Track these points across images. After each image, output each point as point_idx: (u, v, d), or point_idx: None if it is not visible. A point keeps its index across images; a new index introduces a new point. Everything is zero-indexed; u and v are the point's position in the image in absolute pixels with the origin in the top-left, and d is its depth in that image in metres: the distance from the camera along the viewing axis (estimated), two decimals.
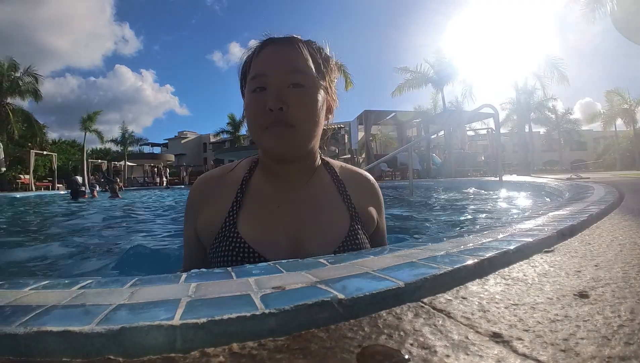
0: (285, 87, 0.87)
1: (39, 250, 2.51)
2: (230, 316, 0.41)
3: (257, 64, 0.90)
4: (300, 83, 0.88)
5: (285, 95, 0.86)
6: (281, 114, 0.84)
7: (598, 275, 0.62)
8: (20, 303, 0.47)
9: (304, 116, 0.87)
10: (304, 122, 0.87)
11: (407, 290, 0.51)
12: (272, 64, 0.88)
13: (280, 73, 0.87)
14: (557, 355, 0.36)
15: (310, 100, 0.88)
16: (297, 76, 0.88)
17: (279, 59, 0.89)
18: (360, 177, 1.08)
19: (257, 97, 0.87)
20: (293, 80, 0.87)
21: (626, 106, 29.85)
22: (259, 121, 0.87)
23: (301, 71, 0.89)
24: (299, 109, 0.86)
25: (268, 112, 0.84)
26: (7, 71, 21.09)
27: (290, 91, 0.87)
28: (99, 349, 0.38)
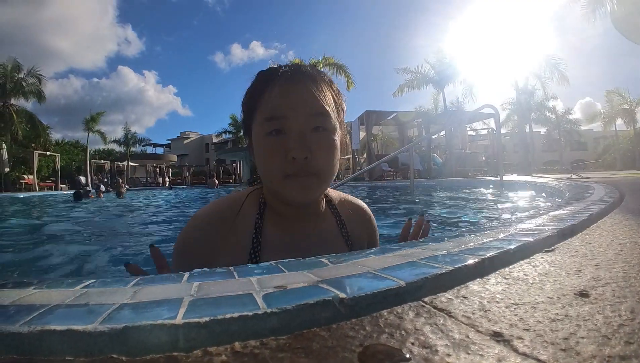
0: (308, 132, 0.81)
1: (45, 250, 2.52)
2: (232, 316, 0.42)
3: (272, 104, 0.82)
4: (323, 127, 0.83)
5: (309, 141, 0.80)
6: (305, 162, 0.79)
7: (598, 275, 0.62)
8: (23, 303, 0.47)
9: (326, 162, 0.82)
10: (327, 169, 0.83)
11: (408, 289, 0.51)
12: (293, 105, 0.81)
13: (302, 116, 0.81)
14: (558, 354, 0.36)
15: (332, 145, 0.83)
16: (319, 119, 0.82)
17: (299, 100, 0.82)
18: (358, 211, 1.05)
19: (276, 142, 0.80)
20: (315, 123, 0.82)
21: (626, 106, 29.84)
22: (278, 169, 0.80)
23: (323, 113, 0.83)
24: (322, 156, 0.81)
25: (290, 160, 0.78)
26: (10, 72, 21.24)
27: (313, 136, 0.81)
28: (102, 348, 0.38)
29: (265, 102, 0.84)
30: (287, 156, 0.79)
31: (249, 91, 0.91)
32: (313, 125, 0.82)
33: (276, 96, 0.82)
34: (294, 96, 0.82)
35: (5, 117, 20.88)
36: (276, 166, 0.80)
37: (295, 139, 0.79)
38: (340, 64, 19.46)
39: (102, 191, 11.92)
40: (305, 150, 0.78)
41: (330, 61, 19.49)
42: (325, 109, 0.83)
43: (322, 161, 0.81)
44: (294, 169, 0.79)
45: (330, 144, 0.83)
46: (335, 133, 0.85)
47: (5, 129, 20.61)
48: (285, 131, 0.81)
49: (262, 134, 0.83)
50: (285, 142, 0.80)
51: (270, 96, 0.83)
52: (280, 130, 0.81)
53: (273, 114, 0.81)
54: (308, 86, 0.83)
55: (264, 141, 0.82)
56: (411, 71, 21.03)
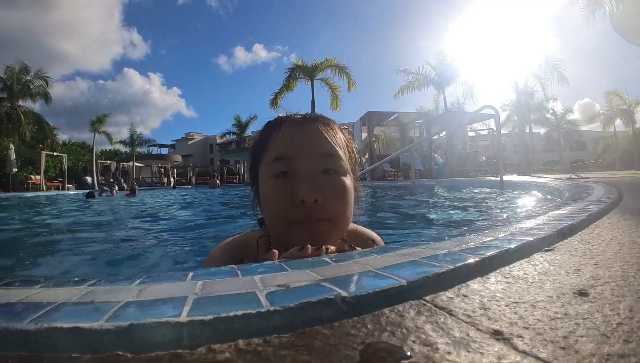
0: (317, 174, 0.75)
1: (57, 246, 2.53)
2: (236, 314, 0.42)
3: (280, 145, 0.78)
4: (333, 169, 0.77)
5: (319, 184, 0.74)
6: (315, 207, 0.73)
7: (597, 274, 0.63)
8: (31, 300, 0.48)
9: (340, 207, 0.75)
10: (341, 215, 0.76)
11: (409, 288, 0.52)
12: (300, 146, 0.76)
13: (310, 157, 0.76)
14: (557, 352, 0.37)
15: (345, 189, 0.77)
16: (329, 161, 0.77)
17: (308, 140, 0.77)
18: (367, 245, 0.94)
19: (283, 184, 0.75)
20: (325, 165, 0.76)
21: (625, 107, 29.83)
22: (285, 214, 0.74)
23: (333, 154, 0.77)
24: (334, 200, 0.74)
25: (298, 204, 0.72)
26: (18, 74, 21.37)
27: (323, 180, 0.75)
28: (108, 345, 0.39)
29: (273, 144, 0.79)
30: (295, 200, 0.72)
31: (257, 138, 0.87)
32: (323, 167, 0.76)
33: (283, 137, 0.78)
34: (302, 136, 0.78)
35: (13, 119, 21.13)
36: (282, 210, 0.74)
37: (303, 181, 0.73)
38: (342, 65, 19.49)
39: (115, 190, 12.28)
40: (315, 193, 0.72)
41: (332, 63, 19.51)
42: (336, 150, 0.78)
43: (334, 206, 0.75)
44: (302, 214, 0.73)
45: (343, 187, 0.76)
46: (347, 176, 0.79)
47: (13, 130, 20.84)
48: (293, 172, 0.75)
49: (268, 176, 0.78)
50: (292, 184, 0.74)
51: (277, 137, 0.79)
52: (288, 172, 0.76)
53: (280, 155, 0.76)
54: (317, 126, 0.79)
55: (270, 183, 0.77)
56: (412, 72, 21.04)
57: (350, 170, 0.81)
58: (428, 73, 20.66)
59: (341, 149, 0.79)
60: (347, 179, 0.78)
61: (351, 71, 19.40)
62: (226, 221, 3.85)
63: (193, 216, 4.87)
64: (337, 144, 0.79)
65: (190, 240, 2.68)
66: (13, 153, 16.41)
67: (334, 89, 19.71)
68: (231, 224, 3.25)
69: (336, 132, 0.82)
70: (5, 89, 21.23)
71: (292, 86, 20.01)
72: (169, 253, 2.19)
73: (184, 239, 2.75)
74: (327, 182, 0.75)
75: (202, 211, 5.68)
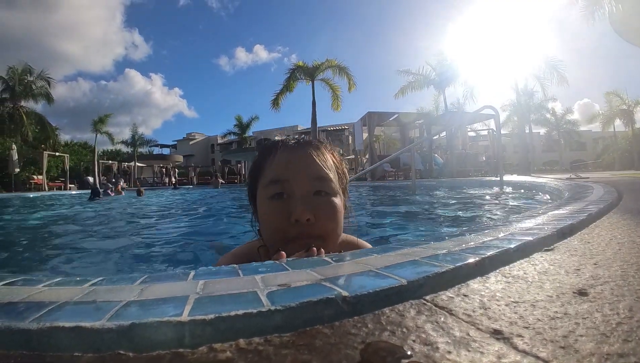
0: (310, 195, 0.82)
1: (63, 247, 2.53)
2: (237, 313, 0.42)
3: (275, 168, 0.85)
4: (325, 191, 0.84)
5: (312, 204, 0.80)
6: (308, 225, 0.79)
7: (597, 273, 0.63)
8: (33, 300, 0.48)
9: (331, 225, 0.82)
10: (332, 232, 0.83)
11: (409, 287, 0.52)
12: (293, 169, 0.83)
13: (303, 180, 0.82)
14: (557, 351, 0.37)
15: (336, 209, 0.84)
16: (320, 183, 0.84)
17: (300, 165, 0.84)
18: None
19: (278, 205, 0.82)
20: (316, 187, 0.83)
21: (625, 107, 29.84)
22: (282, 232, 0.81)
23: (324, 178, 0.84)
24: (326, 219, 0.81)
25: (293, 223, 0.79)
26: (20, 74, 21.44)
27: (316, 200, 0.82)
28: (110, 344, 0.39)
29: (269, 168, 0.86)
30: (290, 219, 0.79)
31: (254, 161, 0.93)
32: (315, 189, 0.83)
33: (279, 161, 0.85)
34: (296, 161, 0.85)
35: (15, 119, 21.26)
36: (279, 228, 0.80)
37: (297, 202, 0.80)
38: (342, 66, 19.49)
39: (120, 186, 12.46)
40: (308, 213, 0.78)
41: (332, 63, 19.50)
42: (326, 173, 0.85)
43: (326, 225, 0.81)
44: (296, 231, 0.79)
45: (334, 207, 0.83)
46: (337, 196, 0.86)
47: (16, 131, 20.95)
48: (288, 194, 0.82)
49: (265, 198, 0.84)
50: (287, 205, 0.80)
51: (273, 161, 0.86)
52: (283, 193, 0.82)
53: (275, 178, 0.83)
54: (309, 151, 0.86)
55: (267, 204, 0.84)
56: (412, 72, 21.04)
57: (340, 190, 0.89)
58: (428, 73, 20.68)
59: (331, 172, 0.87)
60: (337, 199, 0.85)
61: (352, 71, 19.41)
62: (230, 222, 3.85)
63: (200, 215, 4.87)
64: (328, 168, 0.86)
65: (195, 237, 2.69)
66: (15, 153, 16.44)
67: (334, 89, 19.71)
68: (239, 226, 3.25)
69: (327, 156, 0.89)
70: (8, 89, 21.33)
71: (292, 87, 20.01)
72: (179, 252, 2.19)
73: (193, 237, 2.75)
74: (318, 203, 0.82)
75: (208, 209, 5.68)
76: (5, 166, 16.31)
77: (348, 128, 22.97)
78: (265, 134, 45.60)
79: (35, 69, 22.28)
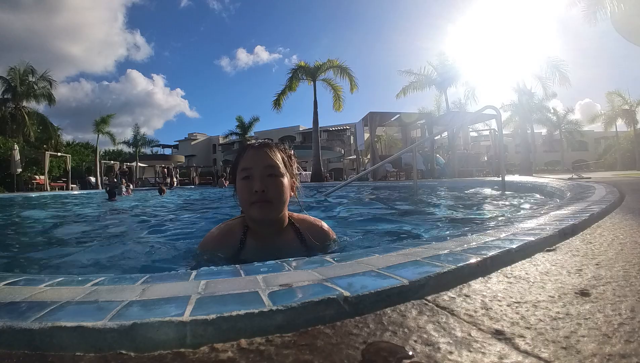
0: (265, 176, 1.27)
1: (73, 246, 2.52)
2: (238, 313, 0.42)
3: (244, 161, 1.32)
4: (274, 174, 1.28)
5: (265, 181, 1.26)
6: (263, 194, 1.25)
7: (599, 274, 0.63)
8: (35, 299, 0.48)
9: (276, 195, 1.27)
10: (277, 199, 1.28)
11: (411, 287, 0.52)
12: (255, 161, 1.30)
13: (261, 167, 1.28)
14: (559, 352, 0.37)
15: (281, 184, 1.29)
16: (271, 169, 1.29)
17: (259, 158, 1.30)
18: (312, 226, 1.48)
19: (246, 183, 1.28)
20: (268, 171, 1.28)
21: (627, 107, 29.72)
22: (248, 199, 1.27)
23: (272, 166, 1.29)
24: (274, 191, 1.27)
25: (254, 193, 1.25)
26: (22, 75, 21.50)
27: (267, 179, 1.27)
28: (111, 344, 0.39)
29: (242, 161, 1.34)
30: (252, 191, 1.26)
31: (235, 157, 1.41)
32: (267, 172, 1.28)
33: (247, 157, 1.33)
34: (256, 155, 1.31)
35: (17, 119, 21.27)
36: (246, 197, 1.28)
37: (256, 180, 1.27)
38: (344, 66, 19.44)
39: (131, 189, 12.61)
40: (262, 186, 1.25)
41: (334, 64, 19.47)
42: (275, 162, 1.30)
43: (273, 193, 1.27)
44: (256, 198, 1.26)
45: (279, 183, 1.29)
46: (284, 177, 1.31)
47: (18, 131, 20.97)
48: (251, 176, 1.28)
49: (239, 179, 1.32)
50: (251, 183, 1.27)
51: (244, 157, 1.34)
52: (249, 176, 1.29)
53: (244, 166, 1.31)
54: (265, 149, 1.33)
55: (240, 183, 1.31)
56: (414, 73, 20.96)
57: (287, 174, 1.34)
58: (430, 74, 20.60)
59: (280, 162, 1.32)
60: (284, 179, 1.31)
61: (353, 71, 19.34)
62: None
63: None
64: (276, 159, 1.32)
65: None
66: (17, 154, 16.44)
67: (336, 89, 19.65)
68: None
69: (276, 152, 1.35)
70: (10, 90, 21.38)
71: (294, 87, 19.97)
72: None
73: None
74: (269, 180, 1.28)
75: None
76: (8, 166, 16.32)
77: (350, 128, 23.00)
78: (267, 134, 45.63)
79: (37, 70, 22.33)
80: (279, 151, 1.39)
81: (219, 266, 0.66)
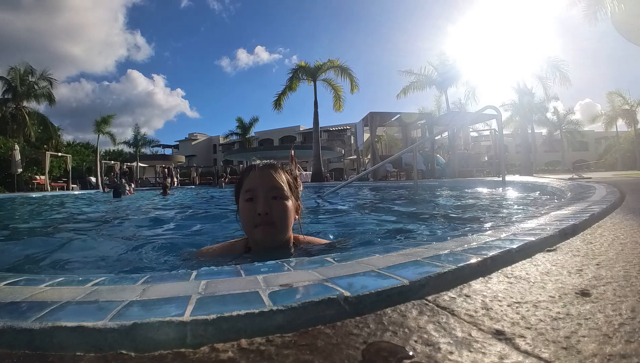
0: (269, 198, 1.24)
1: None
2: (239, 313, 0.42)
3: (249, 182, 1.29)
4: (278, 196, 1.25)
5: (269, 204, 1.23)
6: (267, 216, 1.21)
7: (599, 274, 0.63)
8: (36, 299, 0.48)
9: (280, 218, 1.24)
10: (281, 222, 1.24)
11: (411, 287, 0.52)
12: (260, 182, 1.26)
13: (266, 189, 1.25)
14: (559, 352, 0.37)
15: (285, 207, 1.25)
16: (276, 191, 1.25)
17: (264, 179, 1.27)
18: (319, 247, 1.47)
19: (250, 205, 1.25)
20: (273, 193, 1.25)
21: (627, 107, 29.70)
22: (251, 221, 1.23)
23: (278, 188, 1.26)
24: (278, 213, 1.23)
25: (257, 215, 1.21)
26: (22, 75, 21.53)
27: (272, 201, 1.24)
28: (112, 344, 0.39)
29: (246, 182, 1.30)
30: (256, 213, 1.22)
31: (238, 178, 1.40)
32: (272, 194, 1.25)
33: (251, 177, 1.30)
34: (261, 177, 1.28)
35: (18, 120, 21.32)
36: (250, 219, 1.24)
37: (260, 202, 1.23)
38: (344, 66, 19.44)
39: (133, 188, 12.87)
40: (267, 208, 1.22)
41: (335, 64, 19.47)
42: (280, 184, 1.27)
43: (277, 217, 1.23)
44: (259, 220, 1.22)
45: (284, 206, 1.25)
46: (288, 200, 1.27)
47: (18, 131, 21.03)
48: (255, 198, 1.24)
49: (243, 201, 1.28)
50: (254, 205, 1.23)
51: (248, 178, 1.31)
52: (253, 198, 1.25)
53: (248, 188, 1.27)
54: (270, 171, 1.29)
55: (244, 204, 1.27)
56: (414, 73, 20.97)
57: (292, 197, 1.31)
58: (430, 74, 20.61)
59: (285, 184, 1.28)
60: (288, 201, 1.27)
61: (354, 72, 19.33)
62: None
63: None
64: (281, 181, 1.28)
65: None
66: (18, 154, 16.45)
67: (336, 90, 19.64)
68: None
69: (281, 174, 1.31)
70: (10, 90, 21.41)
71: (295, 87, 19.96)
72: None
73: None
74: (273, 203, 1.24)
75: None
76: (8, 167, 16.34)
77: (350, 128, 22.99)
78: (268, 134, 45.68)
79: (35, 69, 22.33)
80: (284, 172, 1.35)
81: (220, 267, 0.66)
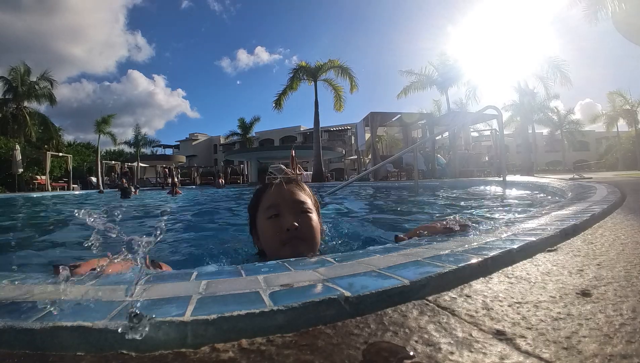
0: (298, 212, 1.15)
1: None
2: (239, 313, 0.42)
3: (270, 198, 1.18)
4: (306, 210, 1.17)
5: (298, 218, 1.12)
6: (296, 231, 1.09)
7: (600, 274, 0.63)
8: (36, 299, 0.48)
9: (310, 232, 1.14)
10: (312, 237, 1.14)
11: (412, 288, 0.52)
12: (284, 196, 1.18)
13: (291, 203, 1.16)
14: (560, 352, 0.37)
15: (314, 221, 1.17)
16: (303, 205, 1.17)
17: (288, 194, 1.18)
18: None
19: (274, 221, 1.13)
20: (301, 208, 1.16)
21: (628, 107, 29.67)
22: (277, 239, 1.10)
23: (304, 202, 1.18)
24: (307, 227, 1.13)
25: (285, 232, 1.09)
26: (23, 75, 21.59)
27: (301, 215, 1.14)
28: (112, 344, 0.39)
29: (265, 199, 1.20)
30: (283, 229, 1.10)
31: (253, 197, 1.28)
32: (299, 209, 1.16)
33: (272, 193, 1.20)
34: (284, 192, 1.19)
35: (18, 120, 21.40)
36: (276, 238, 1.11)
37: (287, 217, 1.12)
38: (345, 66, 19.42)
39: (137, 190, 13.14)
40: (297, 220, 1.10)
41: (335, 64, 19.47)
42: (305, 198, 1.20)
43: (308, 230, 1.13)
44: (288, 237, 1.09)
45: (312, 219, 1.17)
46: (315, 214, 1.20)
47: (19, 131, 21.12)
48: (279, 214, 1.14)
49: (265, 219, 1.16)
50: (280, 221, 1.12)
51: (267, 194, 1.21)
52: (277, 214, 1.14)
53: (271, 204, 1.16)
54: (292, 185, 1.23)
55: (266, 222, 1.15)
56: (415, 73, 20.95)
57: (315, 210, 1.23)
58: (431, 74, 20.58)
59: (309, 198, 1.22)
60: (314, 215, 1.19)
61: (354, 72, 19.31)
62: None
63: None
64: (306, 195, 1.22)
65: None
66: (19, 154, 16.47)
67: (337, 90, 19.63)
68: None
69: (304, 189, 1.26)
70: (11, 90, 21.46)
71: (295, 87, 19.95)
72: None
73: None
74: (302, 216, 1.14)
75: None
76: (9, 167, 16.37)
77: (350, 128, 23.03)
78: (268, 134, 45.69)
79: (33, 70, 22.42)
80: (304, 188, 1.28)
81: (220, 267, 0.66)
